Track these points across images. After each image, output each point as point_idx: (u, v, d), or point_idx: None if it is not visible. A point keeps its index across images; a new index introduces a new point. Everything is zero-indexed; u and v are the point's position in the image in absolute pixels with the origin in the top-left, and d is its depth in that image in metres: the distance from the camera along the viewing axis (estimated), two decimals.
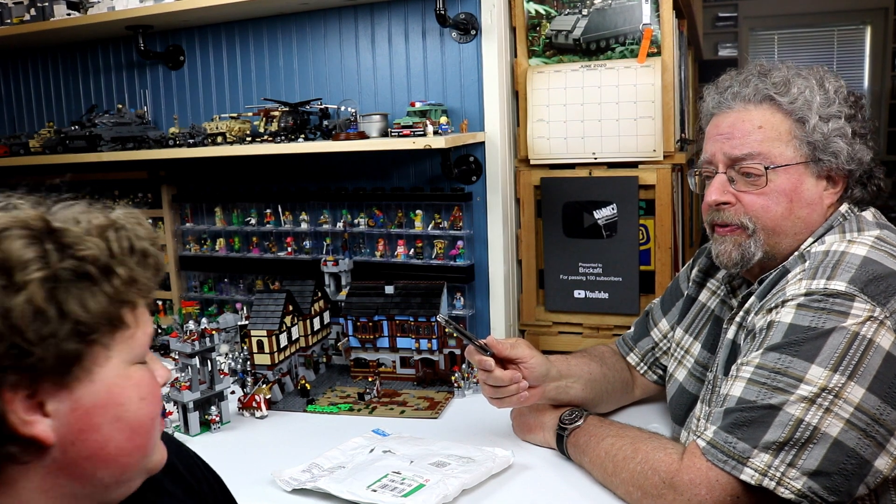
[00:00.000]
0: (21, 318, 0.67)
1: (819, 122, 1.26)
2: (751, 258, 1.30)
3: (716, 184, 1.31)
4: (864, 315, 1.11)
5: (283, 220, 2.44)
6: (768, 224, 1.28)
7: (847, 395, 1.08)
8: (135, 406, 0.77)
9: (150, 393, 0.79)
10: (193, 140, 2.25)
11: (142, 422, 0.78)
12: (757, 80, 1.31)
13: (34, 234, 0.71)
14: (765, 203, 1.28)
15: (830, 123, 1.27)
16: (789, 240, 1.29)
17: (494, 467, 1.40)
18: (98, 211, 0.78)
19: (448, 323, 1.43)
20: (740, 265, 1.32)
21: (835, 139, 1.26)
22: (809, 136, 1.27)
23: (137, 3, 2.25)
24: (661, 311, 1.67)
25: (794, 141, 1.27)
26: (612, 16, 2.06)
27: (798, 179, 1.27)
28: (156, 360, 0.83)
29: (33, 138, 2.58)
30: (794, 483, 1.07)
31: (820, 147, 1.27)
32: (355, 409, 1.81)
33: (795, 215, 1.28)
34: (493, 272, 2.20)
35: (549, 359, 1.53)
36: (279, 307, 1.92)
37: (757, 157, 1.27)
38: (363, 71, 2.29)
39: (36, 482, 0.74)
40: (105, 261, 0.74)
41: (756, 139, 1.28)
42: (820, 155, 1.27)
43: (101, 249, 0.73)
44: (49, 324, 0.68)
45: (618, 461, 1.27)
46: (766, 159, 1.27)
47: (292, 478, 1.39)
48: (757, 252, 1.29)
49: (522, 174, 2.21)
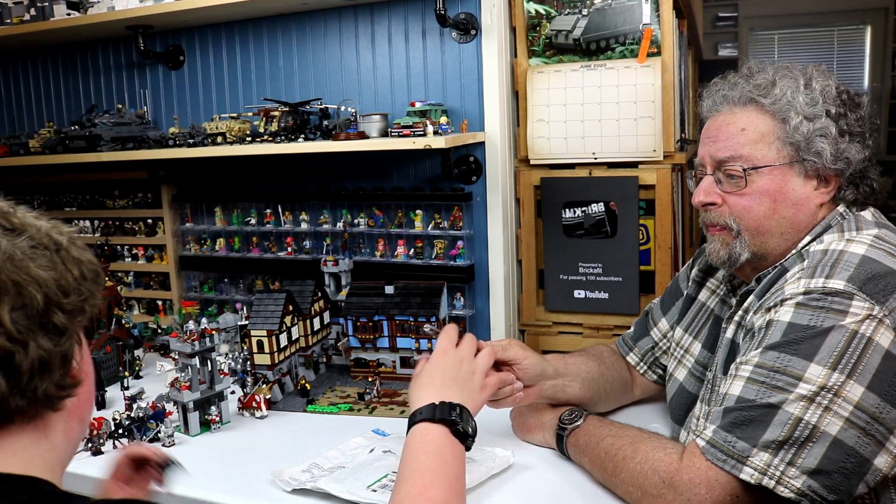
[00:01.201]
0: (89, 274, 0.85)
1: (802, 121, 1.26)
2: (737, 258, 1.32)
3: (702, 185, 1.34)
4: (862, 313, 1.11)
5: (283, 220, 2.44)
6: (751, 224, 1.29)
7: (846, 394, 1.08)
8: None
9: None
10: (193, 140, 2.25)
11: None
12: (743, 83, 1.33)
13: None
14: (747, 204, 1.29)
15: (814, 123, 1.26)
16: (776, 239, 1.29)
17: (495, 467, 1.40)
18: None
19: (434, 332, 1.43)
20: (728, 264, 1.34)
21: (817, 138, 1.26)
22: (791, 136, 1.27)
23: (137, 3, 2.25)
24: (661, 310, 1.67)
25: (777, 142, 1.28)
26: (612, 16, 2.06)
27: (782, 180, 1.28)
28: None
29: (33, 138, 2.58)
30: (793, 482, 1.07)
31: (803, 147, 1.27)
32: (355, 409, 1.81)
33: (780, 215, 1.28)
34: (493, 272, 2.20)
35: (546, 358, 1.53)
36: (279, 307, 1.92)
37: (739, 160, 1.28)
38: (363, 71, 2.29)
39: (61, 426, 0.84)
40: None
41: (739, 141, 1.29)
42: (804, 155, 1.27)
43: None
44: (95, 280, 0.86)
45: (617, 461, 1.27)
46: (747, 161, 1.28)
47: (292, 478, 1.39)
48: (743, 252, 1.31)
49: (522, 174, 2.21)
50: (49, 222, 0.86)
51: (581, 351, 1.70)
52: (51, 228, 0.85)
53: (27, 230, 0.81)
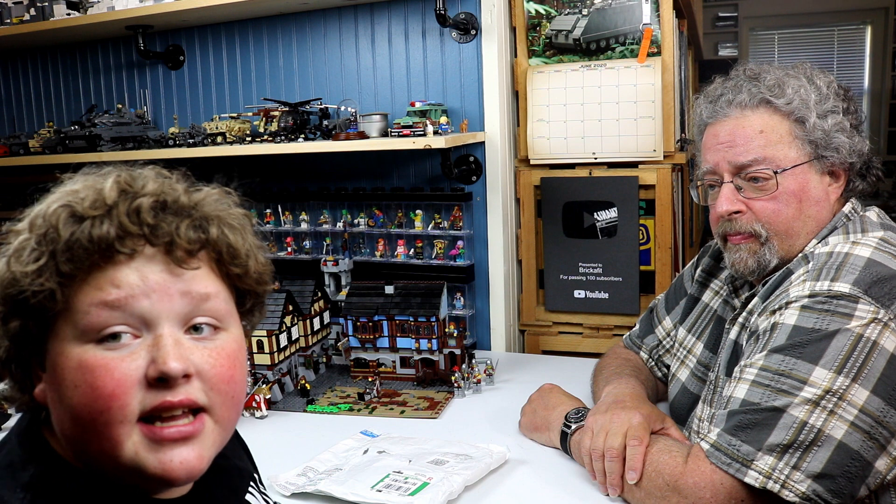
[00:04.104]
0: None
1: (818, 119, 1.27)
2: (766, 265, 1.29)
3: (725, 194, 1.30)
4: (868, 317, 1.10)
5: (282, 220, 2.44)
6: (781, 228, 1.28)
7: (851, 398, 1.08)
8: (69, 392, 0.70)
9: (84, 382, 0.69)
10: (193, 140, 2.25)
11: (79, 413, 0.70)
12: (749, 85, 1.30)
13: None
14: (776, 207, 1.27)
15: (829, 119, 1.27)
16: (802, 240, 1.28)
17: (493, 463, 1.40)
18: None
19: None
20: (757, 273, 1.31)
21: (836, 134, 1.27)
22: (810, 134, 1.27)
23: (137, 3, 2.25)
24: (665, 308, 1.67)
25: (796, 141, 1.27)
26: (612, 16, 2.06)
27: (804, 179, 1.27)
28: (159, 347, 0.71)
29: (33, 138, 2.58)
30: (798, 486, 1.07)
31: (822, 144, 1.27)
32: (355, 409, 1.81)
33: (806, 214, 1.28)
34: (493, 272, 2.20)
35: (644, 399, 1.42)
36: (279, 307, 1.92)
37: (763, 162, 1.26)
38: (363, 71, 2.28)
39: (57, 432, 0.75)
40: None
41: (759, 144, 1.27)
42: (822, 152, 1.27)
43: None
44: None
45: None
46: (772, 163, 1.26)
47: (288, 482, 1.39)
48: (773, 259, 1.29)
49: (522, 174, 2.21)
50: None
51: (627, 376, 1.57)
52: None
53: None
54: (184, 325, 0.74)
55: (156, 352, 0.71)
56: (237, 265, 0.79)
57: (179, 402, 0.71)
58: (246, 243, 0.81)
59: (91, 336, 0.70)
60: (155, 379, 0.70)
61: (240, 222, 0.82)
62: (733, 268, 1.34)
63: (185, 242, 0.74)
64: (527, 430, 1.57)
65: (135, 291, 0.71)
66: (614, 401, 1.37)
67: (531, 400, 1.59)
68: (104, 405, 0.69)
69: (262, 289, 0.84)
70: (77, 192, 0.75)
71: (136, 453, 0.70)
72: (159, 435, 0.71)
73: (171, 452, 0.71)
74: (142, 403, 0.70)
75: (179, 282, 0.74)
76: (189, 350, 0.73)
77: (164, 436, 0.71)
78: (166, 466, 0.71)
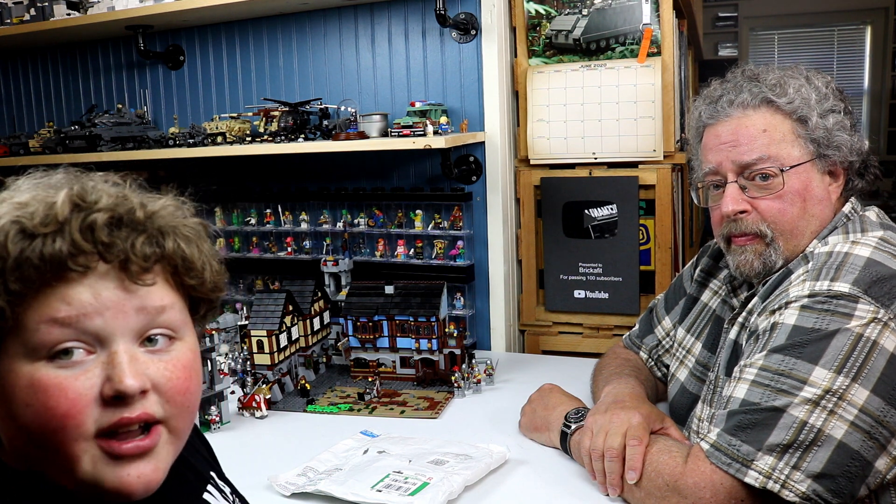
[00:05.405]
0: None
1: (819, 118, 1.27)
2: (772, 266, 1.29)
3: (730, 193, 1.29)
4: (868, 317, 1.10)
5: (283, 220, 2.44)
6: (786, 228, 1.27)
7: (851, 398, 1.08)
8: (21, 411, 0.68)
9: (37, 402, 0.68)
10: (193, 140, 2.25)
11: (32, 431, 0.68)
12: (750, 85, 1.31)
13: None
14: (781, 206, 1.27)
15: (830, 118, 1.27)
16: (806, 240, 1.28)
17: (493, 463, 1.40)
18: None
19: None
20: (763, 274, 1.31)
21: (837, 133, 1.27)
22: (812, 133, 1.27)
23: (137, 3, 2.25)
24: (665, 308, 1.67)
25: (799, 140, 1.28)
26: (612, 16, 2.06)
27: (808, 178, 1.28)
28: (114, 364, 0.70)
29: (33, 138, 2.58)
30: (798, 486, 1.07)
31: (824, 143, 1.27)
32: (355, 409, 1.81)
33: (809, 213, 1.28)
34: (493, 272, 2.20)
35: (644, 399, 1.42)
36: (279, 307, 1.92)
37: (768, 160, 1.26)
38: (363, 71, 2.28)
39: (8, 448, 0.73)
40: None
41: (763, 142, 1.27)
42: (824, 150, 1.28)
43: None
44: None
45: None
46: (777, 161, 1.26)
47: (288, 482, 1.39)
48: (778, 260, 1.29)
49: (522, 174, 2.21)
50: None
51: (627, 376, 1.56)
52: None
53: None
54: (138, 339, 0.73)
55: (111, 369, 0.69)
56: (193, 277, 0.78)
57: (137, 418, 0.70)
58: (202, 255, 0.79)
59: (42, 353, 0.68)
60: (111, 397, 0.69)
61: (195, 232, 0.80)
62: (738, 270, 1.33)
63: (140, 259, 0.72)
64: (527, 430, 1.57)
65: (87, 310, 0.69)
66: (614, 401, 1.37)
67: (531, 400, 1.59)
68: (59, 424, 0.68)
69: (216, 296, 0.83)
70: (26, 205, 0.71)
71: (94, 468, 0.69)
72: (118, 450, 0.70)
73: (128, 467, 0.70)
74: (98, 422, 0.69)
75: (134, 298, 0.72)
76: (145, 364, 0.72)
77: (122, 451, 0.70)
78: (124, 481, 0.70)
